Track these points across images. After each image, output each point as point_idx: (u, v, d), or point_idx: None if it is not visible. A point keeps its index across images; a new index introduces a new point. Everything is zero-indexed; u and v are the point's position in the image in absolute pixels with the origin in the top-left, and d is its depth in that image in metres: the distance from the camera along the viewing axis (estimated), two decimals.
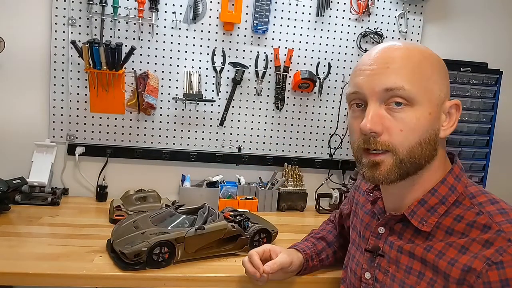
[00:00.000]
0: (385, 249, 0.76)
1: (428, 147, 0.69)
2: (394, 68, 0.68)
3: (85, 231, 1.22)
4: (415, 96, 0.67)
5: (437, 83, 0.70)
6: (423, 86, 0.68)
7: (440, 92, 0.70)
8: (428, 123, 0.68)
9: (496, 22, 1.85)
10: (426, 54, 0.71)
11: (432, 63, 0.71)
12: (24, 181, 1.43)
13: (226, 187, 1.60)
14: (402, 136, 0.68)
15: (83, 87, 1.55)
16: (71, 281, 0.96)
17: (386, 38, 1.74)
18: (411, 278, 0.69)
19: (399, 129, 0.68)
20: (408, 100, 0.67)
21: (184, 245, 1.02)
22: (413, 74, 0.68)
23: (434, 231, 0.69)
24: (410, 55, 0.69)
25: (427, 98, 0.68)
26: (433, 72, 0.70)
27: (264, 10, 1.61)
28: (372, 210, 0.84)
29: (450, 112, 0.71)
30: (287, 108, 1.72)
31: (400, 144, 0.68)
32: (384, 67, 0.69)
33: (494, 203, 0.67)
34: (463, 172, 0.74)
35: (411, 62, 0.69)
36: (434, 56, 0.72)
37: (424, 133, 0.68)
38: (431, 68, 0.70)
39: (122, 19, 1.54)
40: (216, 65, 1.64)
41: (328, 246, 1.06)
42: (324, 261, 1.04)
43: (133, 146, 1.63)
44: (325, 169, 1.78)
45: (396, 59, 0.69)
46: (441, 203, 0.70)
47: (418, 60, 0.69)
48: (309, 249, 1.02)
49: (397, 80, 0.67)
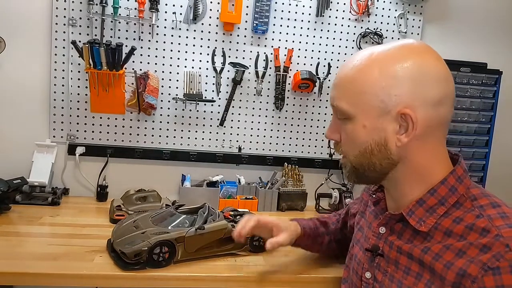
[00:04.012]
0: (384, 249, 0.76)
1: (378, 156, 0.71)
2: (335, 85, 0.76)
3: (85, 231, 1.22)
4: (347, 111, 0.72)
5: (379, 95, 0.68)
6: (356, 101, 0.71)
7: (382, 103, 0.68)
8: (364, 134, 0.71)
9: (495, 22, 1.85)
10: (378, 62, 0.69)
11: (385, 72, 0.68)
12: (24, 181, 1.43)
13: (226, 187, 1.60)
14: (346, 145, 0.76)
15: (84, 87, 1.56)
16: (71, 281, 0.96)
17: (386, 38, 1.74)
18: (409, 279, 0.69)
19: (345, 139, 0.76)
20: (344, 115, 0.73)
21: (184, 245, 1.02)
22: (345, 90, 0.73)
23: (433, 232, 0.69)
24: (351, 71, 0.72)
25: (361, 112, 0.70)
26: (375, 83, 0.68)
27: (264, 10, 1.61)
28: (375, 211, 0.85)
29: (401, 121, 0.68)
30: (287, 108, 1.72)
31: (346, 152, 0.76)
32: (332, 84, 0.77)
33: (495, 206, 0.66)
34: (466, 173, 0.73)
35: (347, 78, 0.73)
36: (395, 62, 0.68)
37: (363, 144, 0.72)
38: (376, 79, 0.68)
39: (122, 19, 1.55)
40: (216, 65, 1.64)
41: (327, 234, 1.09)
42: (316, 245, 1.08)
43: (133, 146, 1.64)
44: (325, 169, 1.78)
45: (338, 75, 0.75)
46: (440, 204, 0.70)
47: (356, 75, 0.71)
48: (310, 229, 1.06)
49: (334, 97, 0.75)
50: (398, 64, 0.68)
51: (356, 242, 0.89)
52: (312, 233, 1.06)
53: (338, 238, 1.10)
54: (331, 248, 1.11)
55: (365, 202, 0.95)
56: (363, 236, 0.87)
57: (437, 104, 0.68)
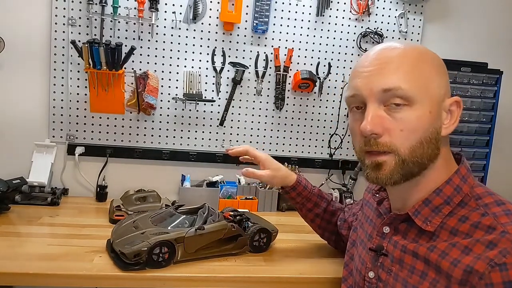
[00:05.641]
0: (388, 248, 0.76)
1: (430, 146, 0.69)
2: (391, 68, 0.68)
3: (85, 231, 1.22)
4: (413, 95, 0.67)
5: (436, 81, 0.70)
6: (422, 84, 0.68)
7: (440, 90, 0.70)
8: (429, 121, 0.68)
9: (496, 22, 1.85)
10: (423, 52, 0.71)
11: (430, 61, 0.71)
12: (24, 181, 1.43)
13: (226, 187, 1.60)
14: (403, 136, 0.68)
15: (83, 87, 1.55)
16: (71, 281, 0.95)
17: (386, 38, 1.74)
18: (414, 278, 0.69)
19: (400, 129, 0.67)
20: (407, 100, 0.67)
21: (184, 245, 1.02)
22: (410, 73, 0.68)
23: (438, 231, 0.69)
24: (407, 54, 0.70)
25: (427, 97, 0.68)
26: (431, 70, 0.70)
27: (264, 10, 1.61)
28: (378, 210, 0.85)
29: (451, 110, 0.71)
30: (287, 108, 1.72)
31: (401, 144, 0.68)
32: (381, 68, 0.69)
33: (500, 204, 0.67)
34: (470, 173, 0.73)
35: (408, 61, 0.69)
36: (431, 54, 0.72)
37: (425, 132, 0.68)
38: (430, 66, 0.70)
39: (122, 19, 1.54)
40: (216, 65, 1.64)
41: (324, 212, 1.13)
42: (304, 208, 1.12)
43: (133, 146, 1.63)
44: (325, 169, 1.78)
45: (393, 59, 0.69)
46: (445, 203, 0.70)
47: (415, 58, 0.69)
48: (306, 188, 1.10)
49: (395, 80, 0.67)
50: (434, 54, 0.72)
51: (360, 242, 0.89)
52: (306, 194, 1.10)
53: (327, 220, 1.14)
54: (316, 223, 1.15)
55: (365, 201, 0.95)
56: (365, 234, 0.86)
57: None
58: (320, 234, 1.18)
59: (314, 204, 1.12)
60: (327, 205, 1.13)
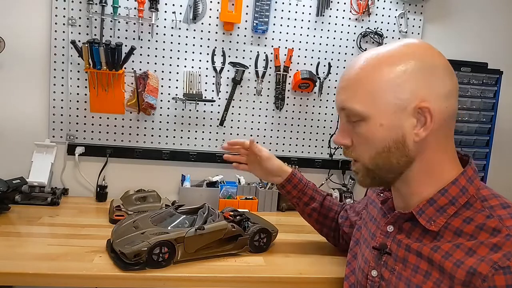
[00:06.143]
0: (392, 247, 0.76)
1: (394, 154, 0.70)
2: (343, 88, 0.74)
3: (85, 231, 1.22)
4: (361, 112, 0.70)
5: (392, 92, 0.68)
6: (370, 100, 0.69)
7: (398, 100, 0.68)
8: (381, 134, 0.70)
9: (496, 22, 1.85)
10: (385, 63, 0.69)
11: (392, 72, 0.68)
12: (24, 181, 1.43)
13: (226, 187, 1.60)
14: (361, 148, 0.74)
15: (83, 87, 1.55)
16: (71, 281, 0.95)
17: (386, 38, 1.74)
18: (418, 277, 0.69)
19: (359, 142, 0.74)
20: (360, 116, 0.71)
21: (184, 245, 1.02)
22: (356, 91, 0.71)
23: (443, 231, 0.69)
24: (361, 71, 0.71)
25: (376, 111, 0.69)
26: (389, 81, 0.68)
27: (264, 10, 1.61)
28: (382, 209, 0.85)
29: (418, 117, 0.69)
30: (287, 108, 1.72)
31: (361, 155, 0.74)
32: (340, 87, 0.75)
33: (505, 207, 0.67)
34: (476, 174, 0.73)
35: (357, 79, 0.71)
36: (403, 59, 0.69)
37: (380, 143, 0.70)
38: (386, 79, 0.68)
39: (122, 19, 1.54)
40: (216, 65, 1.64)
41: (320, 206, 1.14)
42: (301, 202, 1.15)
43: (133, 146, 1.63)
44: (325, 169, 1.78)
45: (345, 77, 0.74)
46: (451, 204, 0.70)
47: (368, 75, 0.70)
48: (301, 182, 1.13)
49: (344, 100, 0.73)
50: (408, 59, 0.69)
51: (363, 241, 0.89)
52: (302, 187, 1.13)
53: (324, 214, 1.15)
54: (312, 218, 1.16)
55: (370, 200, 0.95)
56: (369, 233, 0.87)
57: (448, 96, 0.69)
58: (318, 229, 1.19)
59: (310, 198, 1.14)
60: (323, 199, 1.15)
